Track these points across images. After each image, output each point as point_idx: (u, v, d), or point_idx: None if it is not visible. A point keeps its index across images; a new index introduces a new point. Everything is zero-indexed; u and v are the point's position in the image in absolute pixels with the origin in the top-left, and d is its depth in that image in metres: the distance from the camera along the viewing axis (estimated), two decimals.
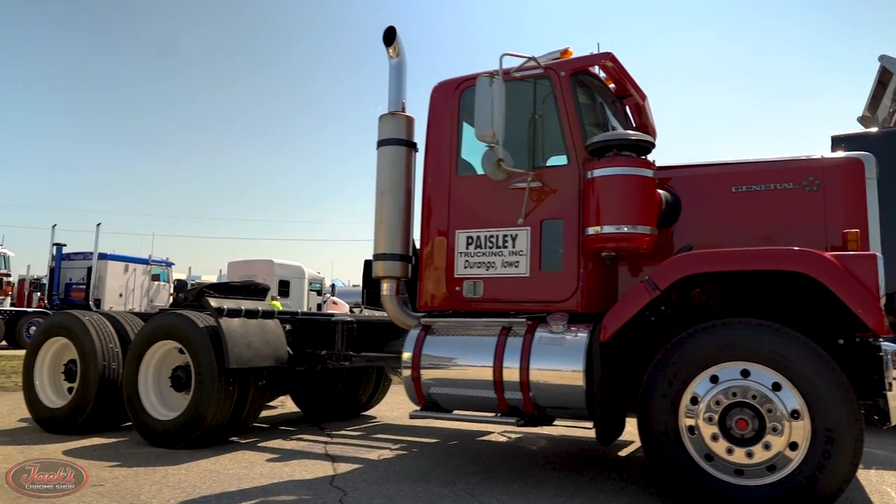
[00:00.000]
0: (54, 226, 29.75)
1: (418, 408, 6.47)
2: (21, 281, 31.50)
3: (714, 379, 4.96)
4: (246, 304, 7.55)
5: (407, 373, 6.35)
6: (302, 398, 10.13)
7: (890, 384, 4.75)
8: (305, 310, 31.46)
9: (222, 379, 7.03)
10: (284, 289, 32.20)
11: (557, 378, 5.69)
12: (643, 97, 7.36)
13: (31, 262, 31.63)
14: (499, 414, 6.00)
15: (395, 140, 7.13)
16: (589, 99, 6.86)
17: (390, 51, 7.19)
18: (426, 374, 6.27)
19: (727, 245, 5.54)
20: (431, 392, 6.27)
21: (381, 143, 7.18)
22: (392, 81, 7.29)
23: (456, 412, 6.41)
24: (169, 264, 33.36)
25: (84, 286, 28.62)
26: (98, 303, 27.99)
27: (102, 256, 29.18)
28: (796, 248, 5.01)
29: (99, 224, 29.13)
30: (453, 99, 6.77)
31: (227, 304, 7.34)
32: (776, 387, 4.76)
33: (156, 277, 32.08)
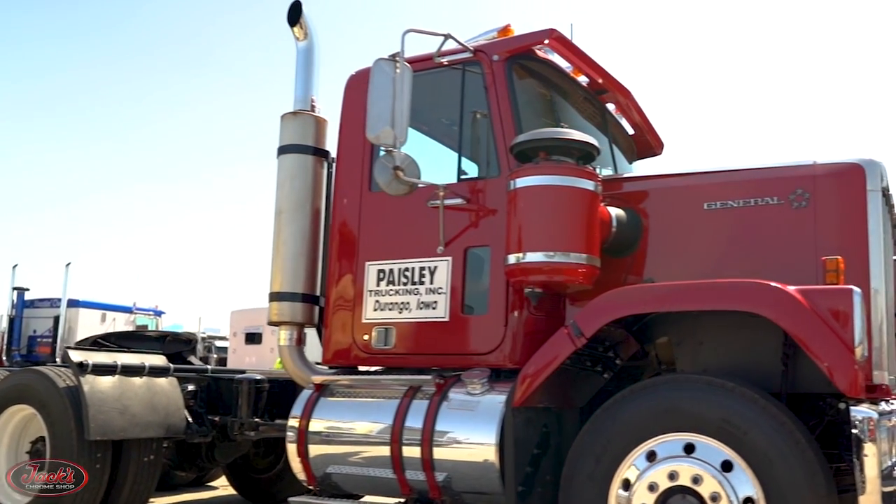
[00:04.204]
0: (15, 266, 29.60)
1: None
2: None
3: (651, 456, 4.58)
4: (126, 359, 7.34)
5: (292, 447, 6.02)
6: (237, 477, 9.87)
7: (862, 465, 4.18)
8: None
9: (85, 454, 6.81)
10: None
11: (465, 454, 5.32)
12: (624, 93, 6.93)
13: (2, 312, 31.80)
14: (403, 502, 5.63)
15: (300, 147, 6.84)
16: (545, 91, 6.55)
17: (296, 31, 6.94)
18: (315, 450, 5.94)
19: (697, 278, 5.11)
20: (328, 471, 5.93)
21: (281, 151, 6.90)
22: (299, 71, 7.02)
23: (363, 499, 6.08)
24: (158, 313, 33.39)
25: (51, 339, 28.77)
26: None
27: (73, 303, 29.10)
28: (746, 281, 4.66)
29: (69, 263, 28.69)
30: None
31: (97, 357, 7.15)
32: (726, 466, 4.38)
33: (142, 329, 32.23)
